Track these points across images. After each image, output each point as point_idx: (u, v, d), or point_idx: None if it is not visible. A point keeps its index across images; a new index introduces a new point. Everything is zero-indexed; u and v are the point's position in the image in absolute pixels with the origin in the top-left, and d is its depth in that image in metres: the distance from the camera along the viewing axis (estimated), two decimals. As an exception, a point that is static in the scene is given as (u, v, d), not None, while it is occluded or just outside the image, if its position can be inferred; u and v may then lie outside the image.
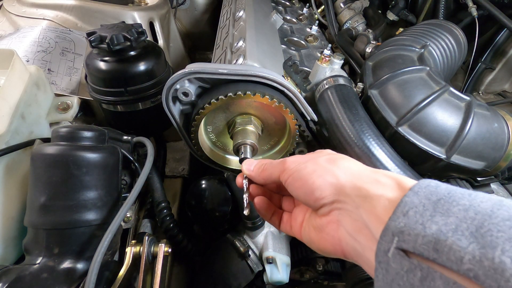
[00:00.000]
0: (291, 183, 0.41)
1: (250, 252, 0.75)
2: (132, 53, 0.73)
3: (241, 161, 0.54)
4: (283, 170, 0.43)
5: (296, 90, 0.59)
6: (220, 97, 0.54)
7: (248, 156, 0.54)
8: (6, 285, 0.44)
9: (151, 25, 1.11)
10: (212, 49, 0.91)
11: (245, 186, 0.50)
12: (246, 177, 0.50)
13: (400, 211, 0.29)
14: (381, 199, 0.33)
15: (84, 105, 0.84)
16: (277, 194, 0.52)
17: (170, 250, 0.57)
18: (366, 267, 0.35)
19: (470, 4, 1.04)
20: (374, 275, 0.30)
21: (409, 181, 0.33)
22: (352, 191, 0.36)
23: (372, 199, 0.33)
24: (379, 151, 0.56)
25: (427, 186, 0.30)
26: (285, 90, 0.58)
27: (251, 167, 0.49)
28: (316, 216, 0.41)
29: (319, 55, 0.76)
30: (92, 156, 0.53)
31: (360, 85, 0.70)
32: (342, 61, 0.70)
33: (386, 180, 0.35)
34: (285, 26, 1.04)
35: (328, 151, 0.45)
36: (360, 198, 0.35)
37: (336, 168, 0.39)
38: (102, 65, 0.71)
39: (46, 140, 0.61)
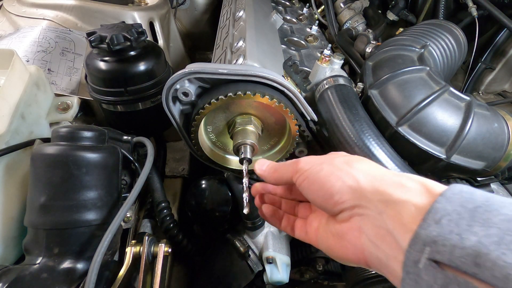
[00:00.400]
0: (306, 186, 0.39)
1: (250, 252, 0.75)
2: (132, 53, 0.73)
3: (241, 161, 0.54)
4: (296, 171, 0.41)
5: (296, 90, 0.59)
6: (220, 97, 0.54)
7: (248, 156, 0.54)
8: (6, 285, 0.44)
9: (151, 25, 1.11)
10: (212, 49, 0.91)
11: (245, 186, 0.50)
12: (246, 177, 0.50)
13: (432, 219, 0.27)
14: (407, 205, 0.30)
15: (84, 105, 0.84)
16: (290, 200, 0.50)
17: (170, 250, 0.57)
18: (391, 278, 0.32)
19: (470, 4, 1.04)
20: (401, 285, 0.28)
21: (438, 186, 0.31)
22: (374, 195, 0.34)
23: (396, 204, 0.31)
24: (379, 151, 0.56)
25: (461, 192, 0.28)
26: (285, 90, 0.58)
27: (263, 167, 0.47)
28: (335, 222, 0.39)
29: (319, 55, 0.76)
30: (92, 156, 0.53)
31: (360, 85, 0.70)
32: (342, 61, 0.70)
33: (411, 184, 0.33)
34: (285, 26, 1.04)
35: (343, 153, 0.43)
36: (382, 203, 0.33)
37: (354, 170, 0.37)
38: (102, 65, 0.71)
39: (46, 140, 0.61)
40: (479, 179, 0.62)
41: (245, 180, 0.50)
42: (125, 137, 0.68)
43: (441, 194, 0.29)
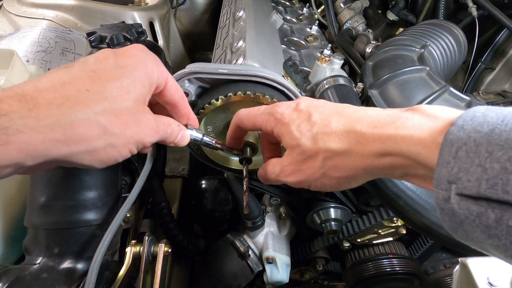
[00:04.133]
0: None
1: (250, 252, 0.75)
2: (132, 53, 0.73)
3: (241, 161, 0.55)
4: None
5: (296, 90, 0.59)
6: (220, 97, 0.54)
7: (248, 156, 0.55)
8: (6, 285, 0.44)
9: (151, 25, 1.11)
10: (212, 49, 0.90)
11: (245, 186, 0.50)
12: (246, 177, 0.50)
13: (447, 154, 0.26)
14: (413, 141, 0.30)
15: (84, 105, 0.84)
16: None
17: (170, 250, 0.57)
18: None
19: (470, 4, 1.04)
20: (440, 216, 0.28)
21: (446, 112, 0.30)
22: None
23: (400, 143, 0.31)
24: (379, 151, 0.56)
25: (473, 118, 0.26)
26: (285, 90, 0.58)
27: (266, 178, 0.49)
28: None
29: (319, 55, 0.76)
30: (92, 156, 0.53)
31: (360, 85, 0.70)
32: (342, 61, 0.70)
33: (412, 116, 0.32)
34: (285, 26, 1.04)
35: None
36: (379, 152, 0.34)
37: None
38: (102, 65, 0.71)
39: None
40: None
41: (245, 180, 0.50)
42: (125, 137, 0.68)
43: (453, 123, 0.27)
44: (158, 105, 0.46)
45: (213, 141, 0.52)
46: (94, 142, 0.34)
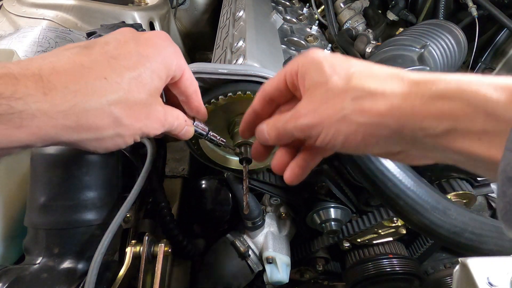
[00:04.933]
0: None
1: (250, 252, 0.75)
2: (132, 53, 0.73)
3: (241, 161, 0.55)
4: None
5: (296, 90, 0.59)
6: (220, 97, 0.54)
7: (248, 156, 0.54)
8: (6, 285, 0.44)
9: (151, 25, 1.11)
10: (212, 49, 0.90)
11: (245, 186, 0.50)
12: (246, 177, 0.50)
13: None
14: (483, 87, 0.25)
15: (84, 105, 0.84)
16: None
17: (170, 250, 0.57)
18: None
19: (470, 4, 1.04)
20: (500, 189, 0.23)
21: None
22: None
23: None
24: (379, 151, 0.56)
25: None
26: (285, 90, 0.58)
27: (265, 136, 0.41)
28: None
29: (319, 55, 0.76)
30: (92, 156, 0.53)
31: (360, 85, 0.70)
32: (342, 61, 0.70)
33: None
34: (285, 26, 1.04)
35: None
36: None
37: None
38: (102, 65, 0.71)
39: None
40: (479, 179, 0.62)
41: (245, 180, 0.50)
42: (125, 137, 0.68)
43: None
44: (170, 92, 0.46)
45: (218, 138, 0.52)
46: (104, 131, 0.34)
